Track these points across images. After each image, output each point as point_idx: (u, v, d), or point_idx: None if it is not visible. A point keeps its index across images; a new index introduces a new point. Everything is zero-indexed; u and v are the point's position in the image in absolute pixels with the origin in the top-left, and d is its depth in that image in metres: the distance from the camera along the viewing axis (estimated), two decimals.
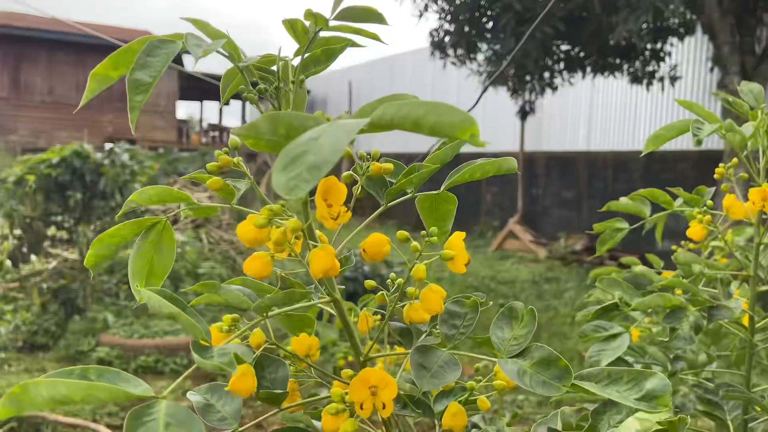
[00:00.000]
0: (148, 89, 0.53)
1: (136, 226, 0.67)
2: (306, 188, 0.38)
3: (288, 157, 0.40)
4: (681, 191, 1.12)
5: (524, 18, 7.23)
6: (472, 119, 0.44)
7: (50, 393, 0.47)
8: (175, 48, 0.56)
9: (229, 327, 0.63)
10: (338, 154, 0.40)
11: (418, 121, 0.45)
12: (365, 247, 0.63)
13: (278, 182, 0.39)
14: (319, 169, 0.39)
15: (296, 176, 0.39)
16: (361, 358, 0.68)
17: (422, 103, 0.45)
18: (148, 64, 0.54)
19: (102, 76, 0.57)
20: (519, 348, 0.63)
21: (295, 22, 0.59)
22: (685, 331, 0.90)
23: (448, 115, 0.44)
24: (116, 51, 0.56)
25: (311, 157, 0.40)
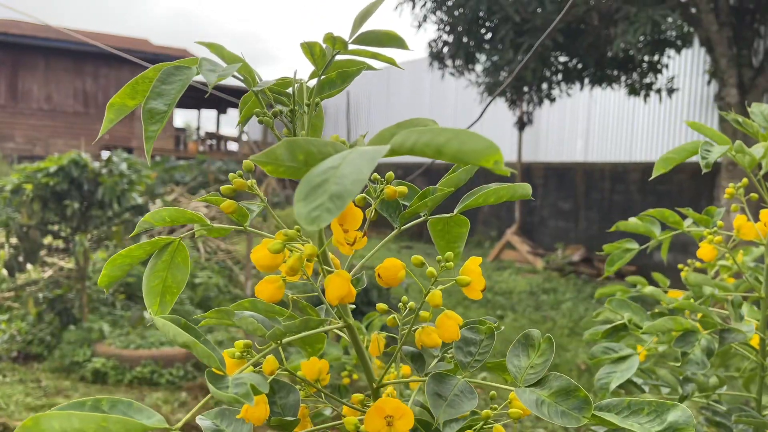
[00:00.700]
0: (164, 118, 0.52)
1: (149, 246, 0.66)
2: (329, 219, 0.37)
3: (309, 186, 0.39)
4: (691, 212, 1.12)
5: (523, 29, 7.26)
6: (495, 146, 0.43)
7: (63, 426, 0.46)
8: (190, 74, 0.55)
9: (241, 353, 0.61)
10: (361, 184, 0.39)
11: (440, 149, 0.44)
12: (380, 272, 0.62)
13: (300, 212, 0.38)
14: (342, 198, 0.38)
15: (319, 206, 0.38)
16: (374, 385, 0.67)
17: (444, 130, 0.44)
18: (163, 93, 0.53)
19: (119, 105, 0.56)
20: (536, 377, 0.62)
21: (314, 46, 0.58)
22: (697, 356, 0.89)
23: (471, 143, 0.43)
24: (132, 80, 0.56)
25: (333, 186, 0.39)
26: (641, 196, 9.79)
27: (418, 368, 0.76)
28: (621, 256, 1.21)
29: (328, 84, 0.66)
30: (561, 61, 8.25)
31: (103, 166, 5.02)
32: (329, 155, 0.46)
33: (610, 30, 7.00)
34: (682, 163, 1.05)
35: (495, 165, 0.43)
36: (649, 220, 1.18)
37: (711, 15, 6.71)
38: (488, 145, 0.42)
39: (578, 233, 10.62)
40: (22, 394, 4.12)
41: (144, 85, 0.56)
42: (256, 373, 0.55)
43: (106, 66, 17.32)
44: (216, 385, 0.49)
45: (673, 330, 0.94)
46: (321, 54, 0.60)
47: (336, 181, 0.39)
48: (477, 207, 0.79)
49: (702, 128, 0.98)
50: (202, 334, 0.55)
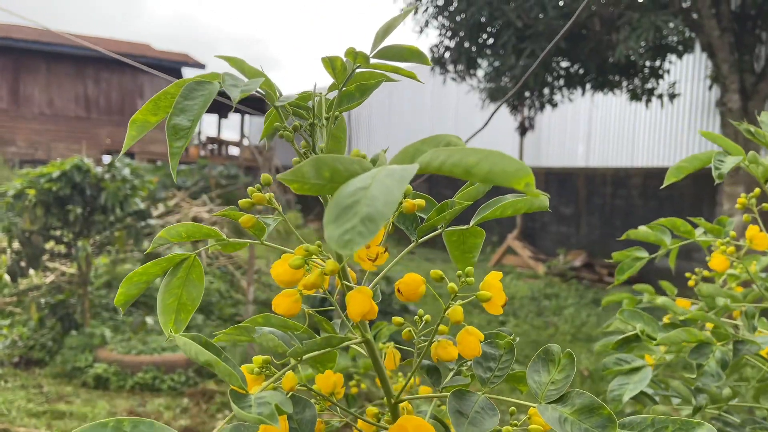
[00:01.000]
0: (188, 134, 0.52)
1: (165, 263, 0.66)
2: (362, 242, 0.37)
3: (339, 207, 0.39)
4: (702, 221, 1.11)
5: (525, 35, 7.27)
6: (526, 168, 0.43)
7: None
8: (212, 89, 0.54)
9: (260, 369, 0.61)
10: (393, 206, 0.38)
11: (470, 170, 0.44)
12: (400, 287, 0.62)
13: (331, 235, 0.37)
14: (374, 222, 0.37)
15: (350, 229, 0.37)
16: (392, 401, 0.67)
17: (474, 150, 0.44)
18: (186, 108, 0.53)
19: (142, 121, 0.56)
20: (557, 393, 0.61)
21: (335, 60, 0.58)
22: (713, 368, 0.89)
23: (502, 164, 0.43)
24: (155, 96, 0.55)
25: (364, 208, 0.38)
26: (643, 201, 9.79)
27: (434, 382, 0.75)
28: (631, 264, 1.21)
29: (347, 97, 0.66)
30: (563, 66, 8.26)
31: (106, 171, 5.02)
32: (355, 173, 0.46)
33: (612, 35, 7.00)
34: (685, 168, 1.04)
35: (526, 187, 0.43)
36: (659, 228, 1.17)
37: (713, 20, 6.72)
38: (519, 167, 0.42)
39: (580, 238, 10.62)
40: (24, 399, 4.11)
41: (166, 101, 0.55)
42: (277, 391, 0.55)
43: (107, 70, 17.35)
44: (239, 404, 0.49)
45: (687, 341, 0.93)
46: (342, 68, 0.60)
47: (367, 202, 0.38)
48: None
49: (716, 138, 0.97)
50: (222, 351, 0.55)
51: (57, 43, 16.24)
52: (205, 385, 4.45)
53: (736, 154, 0.97)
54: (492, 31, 7.84)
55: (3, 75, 16.46)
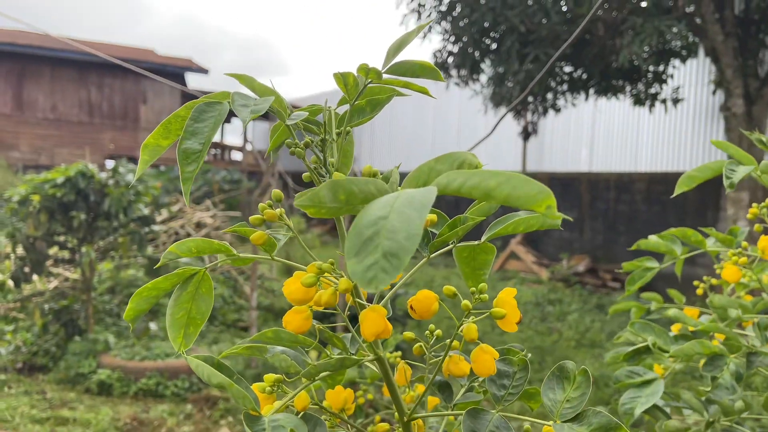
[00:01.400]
0: (200, 158, 0.51)
1: (175, 278, 0.65)
2: (387, 280, 0.36)
3: (359, 239, 0.38)
4: (714, 231, 1.10)
5: (528, 40, 7.27)
6: (548, 192, 0.42)
7: None
8: (222, 110, 0.54)
9: (271, 388, 0.60)
10: (416, 240, 0.37)
11: (490, 192, 0.43)
12: (414, 305, 0.61)
13: (355, 271, 0.36)
14: (398, 257, 0.36)
15: (373, 265, 0.36)
16: (405, 419, 0.66)
17: (494, 173, 0.43)
18: (197, 131, 0.52)
19: (153, 146, 0.55)
20: (573, 412, 0.60)
21: (347, 76, 0.57)
22: (727, 380, 0.88)
23: (523, 188, 0.42)
24: (165, 120, 0.55)
25: (385, 241, 0.37)
26: (646, 206, 9.77)
27: (446, 398, 0.75)
28: (642, 275, 1.20)
29: (357, 112, 0.65)
30: (566, 71, 8.25)
31: (110, 176, 5.02)
32: (371, 194, 0.45)
33: (615, 40, 7.00)
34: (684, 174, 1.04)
35: (548, 210, 0.42)
36: (670, 238, 1.17)
37: (716, 25, 6.71)
38: (540, 191, 0.41)
39: (583, 243, 10.60)
40: (28, 405, 4.11)
41: (177, 124, 0.55)
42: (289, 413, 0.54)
43: (110, 76, 17.39)
44: (253, 427, 0.48)
45: (701, 354, 0.92)
46: (354, 84, 0.59)
47: (387, 235, 0.37)
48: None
49: (727, 147, 0.96)
50: (235, 372, 0.54)
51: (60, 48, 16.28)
52: (209, 392, 4.44)
53: (747, 163, 0.96)
54: (495, 36, 7.84)
55: (7, 80, 16.51)
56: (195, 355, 0.54)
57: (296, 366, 0.57)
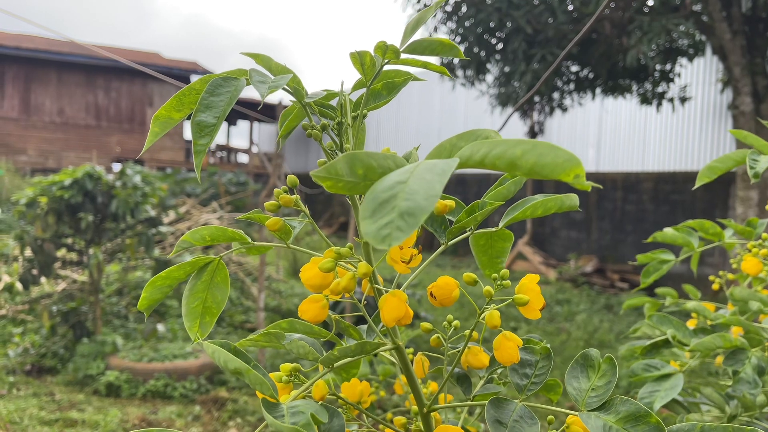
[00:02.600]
0: (213, 131, 0.50)
1: (189, 267, 0.64)
2: (401, 238, 0.34)
3: (375, 202, 0.37)
4: (732, 223, 1.08)
5: (534, 40, 7.24)
6: (576, 159, 0.40)
7: None
8: (239, 86, 0.52)
9: (288, 377, 0.59)
10: (434, 200, 0.36)
11: (515, 162, 0.41)
12: (434, 291, 0.59)
13: (368, 231, 0.35)
14: (414, 216, 0.35)
15: (388, 224, 0.35)
16: (425, 410, 0.64)
17: (519, 141, 0.41)
18: (212, 105, 0.51)
19: (165, 118, 0.54)
20: (599, 400, 0.58)
21: (364, 55, 0.56)
22: (749, 374, 0.86)
23: (550, 156, 0.40)
24: (179, 91, 0.53)
25: (403, 202, 0.36)
26: (654, 205, 9.72)
27: (464, 390, 0.73)
28: (657, 267, 1.18)
29: (373, 95, 0.64)
30: (573, 70, 8.22)
31: (117, 178, 5.03)
32: (389, 169, 0.44)
33: (622, 39, 6.96)
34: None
35: (576, 179, 0.40)
36: (686, 231, 1.14)
37: (724, 23, 6.67)
38: (569, 158, 0.40)
39: (591, 244, 10.55)
40: (36, 407, 4.11)
41: (191, 97, 0.53)
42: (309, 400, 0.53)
43: (117, 79, 17.45)
44: (272, 413, 0.46)
45: (721, 347, 0.90)
46: (371, 64, 0.58)
47: (406, 196, 0.36)
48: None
49: (748, 137, 0.94)
50: (252, 359, 0.52)
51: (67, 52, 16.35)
52: (217, 393, 4.43)
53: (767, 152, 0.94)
54: (501, 36, 7.82)
55: (14, 84, 16.58)
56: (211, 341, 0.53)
57: (315, 353, 0.56)
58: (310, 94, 0.57)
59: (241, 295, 7.02)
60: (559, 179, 0.41)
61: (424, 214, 0.35)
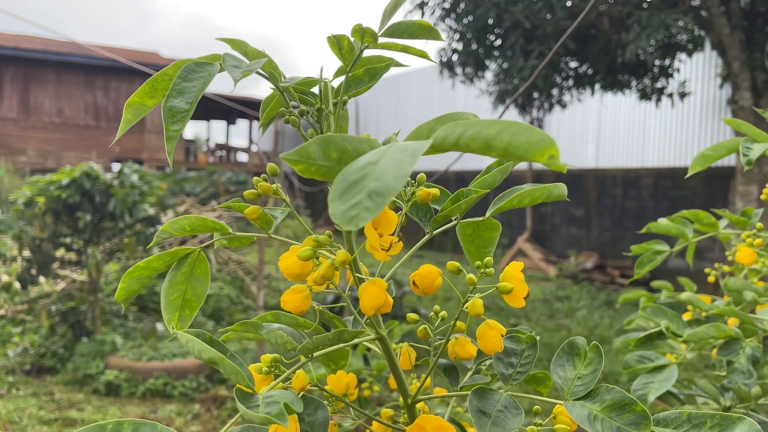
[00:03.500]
0: (185, 117, 0.49)
1: (168, 257, 0.63)
2: (368, 218, 0.34)
3: (345, 183, 0.36)
4: (726, 213, 1.07)
5: (533, 36, 7.22)
6: (550, 139, 0.39)
7: None
8: (212, 70, 0.51)
9: (269, 368, 0.58)
10: (403, 180, 0.35)
11: (489, 143, 0.40)
12: (416, 279, 0.58)
13: (335, 211, 0.34)
14: (382, 196, 0.34)
15: (356, 205, 0.34)
16: (409, 400, 0.63)
17: (493, 122, 0.40)
18: (184, 90, 0.50)
19: (138, 105, 0.53)
20: (585, 389, 0.57)
21: (342, 39, 0.55)
22: (743, 365, 0.85)
23: (524, 136, 0.39)
24: (151, 78, 0.52)
25: (373, 183, 0.35)
26: (654, 201, 9.70)
27: (451, 381, 0.72)
28: (652, 258, 1.16)
29: (355, 82, 0.63)
30: (572, 66, 8.20)
31: (115, 177, 5.02)
32: (365, 153, 0.42)
33: (621, 35, 6.95)
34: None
35: (550, 160, 0.39)
36: (681, 221, 1.13)
37: (722, 18, 6.65)
38: (542, 138, 0.38)
39: (591, 240, 10.53)
40: (36, 407, 4.10)
41: (164, 83, 0.52)
42: (286, 390, 0.52)
43: (116, 79, 17.45)
44: (245, 403, 0.45)
45: (715, 338, 0.89)
46: (349, 48, 0.56)
47: (375, 177, 0.35)
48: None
49: (741, 125, 0.93)
50: (228, 349, 0.51)
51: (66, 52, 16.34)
52: (216, 391, 4.42)
53: (761, 140, 0.93)
54: (500, 32, 7.80)
55: (13, 85, 16.58)
56: (186, 330, 0.52)
57: (293, 342, 0.55)
58: (287, 79, 0.55)
59: (240, 294, 7.02)
60: (533, 160, 0.40)
61: (393, 194, 0.35)
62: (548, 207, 11.35)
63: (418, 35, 0.56)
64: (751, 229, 1.01)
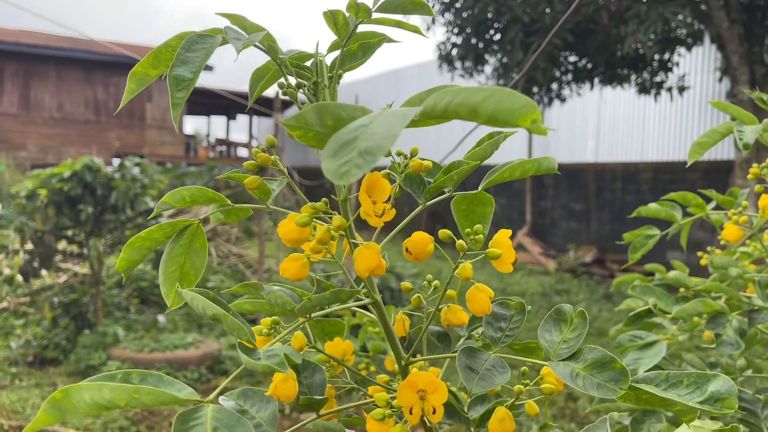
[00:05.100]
0: (190, 85, 0.52)
1: (168, 228, 0.65)
2: (358, 174, 0.37)
3: (338, 143, 0.39)
4: (714, 193, 1.10)
5: (532, 30, 7.24)
6: (533, 104, 0.42)
7: (93, 398, 0.45)
8: (214, 42, 0.54)
9: (269, 330, 0.61)
10: (393, 140, 0.38)
11: (476, 108, 0.43)
12: (408, 246, 0.61)
13: (328, 168, 0.37)
14: (372, 154, 0.37)
15: (348, 161, 0.37)
16: (403, 362, 0.66)
17: (479, 89, 0.43)
18: (188, 60, 0.52)
19: (141, 75, 0.55)
20: (569, 351, 0.60)
21: (337, 14, 0.57)
22: (731, 336, 0.87)
23: (509, 101, 0.42)
24: (154, 49, 0.55)
25: (364, 142, 0.38)
26: (653, 196, 9.72)
27: (445, 348, 0.75)
28: (643, 242, 1.19)
29: (349, 56, 0.65)
30: (571, 60, 8.21)
31: (116, 170, 5.05)
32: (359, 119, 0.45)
33: (620, 29, 6.96)
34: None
35: (533, 124, 0.42)
36: (669, 204, 1.16)
37: (721, 12, 6.66)
38: (526, 103, 0.41)
39: (590, 234, 10.56)
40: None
41: (167, 54, 0.55)
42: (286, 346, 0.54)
43: (116, 74, 17.45)
44: (248, 355, 0.48)
45: (702, 313, 0.92)
46: (344, 23, 0.59)
47: (366, 137, 0.38)
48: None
49: (727, 107, 0.96)
50: (231, 308, 0.54)
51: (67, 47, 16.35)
52: (218, 382, 4.46)
53: (749, 122, 0.95)
54: (499, 26, 7.81)
55: (13, 80, 16.59)
56: (191, 288, 0.55)
57: (292, 303, 0.58)
58: (284, 52, 0.58)
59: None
60: (517, 125, 0.43)
61: (382, 152, 0.37)
62: (548, 201, 11.38)
63: (411, 11, 0.59)
64: (738, 207, 1.04)
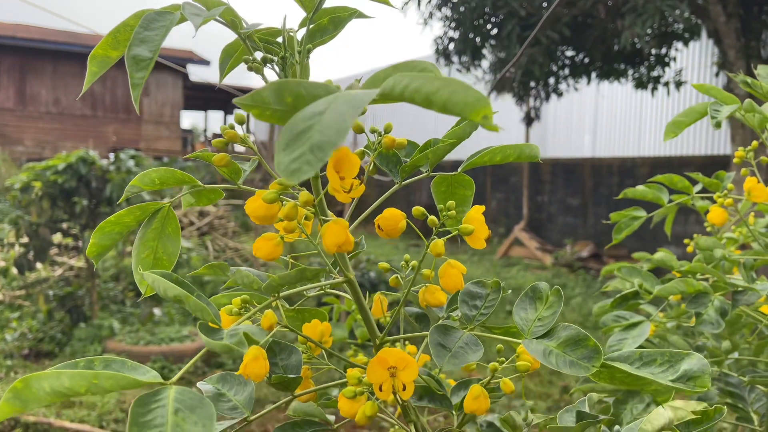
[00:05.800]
0: (149, 65, 0.51)
1: (138, 212, 0.65)
2: (309, 172, 0.36)
3: (292, 133, 0.38)
4: (700, 176, 1.09)
5: (529, 24, 7.22)
6: (485, 100, 0.41)
7: (53, 386, 0.44)
8: (173, 19, 0.53)
9: (239, 310, 0.60)
10: (344, 134, 0.37)
11: (430, 97, 0.42)
12: (380, 223, 0.60)
13: (280, 162, 0.36)
14: (323, 150, 0.36)
15: (299, 157, 0.36)
16: (377, 341, 0.65)
17: (436, 78, 0.42)
18: (146, 39, 0.51)
19: (102, 57, 0.55)
20: (544, 329, 0.60)
21: None
22: (711, 316, 0.87)
23: (462, 94, 0.41)
24: (112, 29, 0.54)
25: (315, 136, 0.37)
26: None
27: (423, 328, 0.74)
28: (629, 224, 1.19)
29: (320, 31, 0.65)
30: (568, 55, 8.20)
31: (111, 163, 5.04)
32: (319, 97, 0.44)
33: (617, 23, 6.95)
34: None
35: (483, 120, 0.41)
36: (656, 187, 1.16)
37: (718, 6, 6.65)
38: (478, 98, 0.40)
39: (587, 229, 10.56)
40: None
41: (126, 34, 0.54)
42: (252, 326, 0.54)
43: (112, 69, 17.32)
44: (209, 335, 0.47)
45: (684, 293, 0.91)
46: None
47: (320, 129, 0.37)
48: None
49: (711, 90, 0.95)
50: (195, 289, 0.53)
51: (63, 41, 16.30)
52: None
53: (730, 103, 0.95)
54: (496, 21, 7.79)
55: (9, 75, 16.54)
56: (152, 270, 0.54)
57: (259, 282, 0.57)
58: (248, 25, 0.57)
59: None
60: (469, 118, 0.42)
61: (333, 148, 0.36)
62: (545, 196, 11.37)
63: None
64: (723, 190, 1.03)
